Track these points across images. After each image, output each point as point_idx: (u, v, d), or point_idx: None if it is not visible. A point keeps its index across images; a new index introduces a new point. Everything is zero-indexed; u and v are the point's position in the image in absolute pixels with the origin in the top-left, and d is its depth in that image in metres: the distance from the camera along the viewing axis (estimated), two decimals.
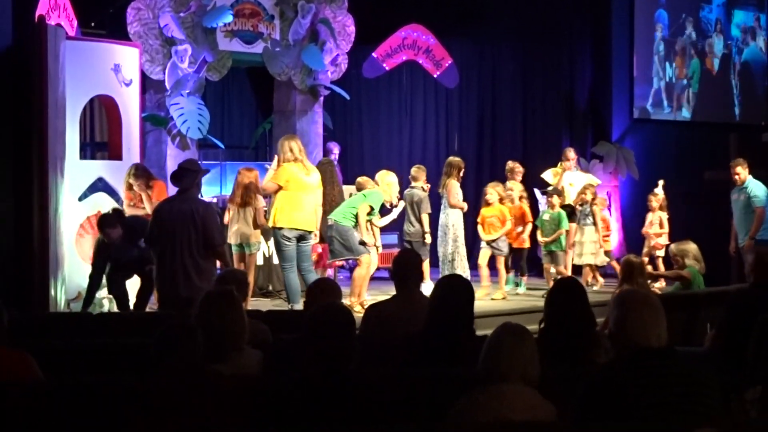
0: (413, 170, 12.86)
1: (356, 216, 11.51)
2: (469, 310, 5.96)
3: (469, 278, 12.33)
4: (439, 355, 5.68)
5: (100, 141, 14.74)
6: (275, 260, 12.43)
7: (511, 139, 17.35)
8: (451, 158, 13.11)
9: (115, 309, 10.71)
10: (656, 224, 13.69)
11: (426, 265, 11.86)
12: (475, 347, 4.90)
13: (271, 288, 12.71)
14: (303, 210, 10.96)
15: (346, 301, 9.30)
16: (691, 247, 10.39)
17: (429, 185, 12.59)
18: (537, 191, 14.22)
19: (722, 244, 13.39)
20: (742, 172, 12.96)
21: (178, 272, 8.68)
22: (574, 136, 17.29)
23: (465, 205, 12.59)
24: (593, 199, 13.54)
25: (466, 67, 16.76)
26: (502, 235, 12.59)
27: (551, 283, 11.68)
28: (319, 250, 12.39)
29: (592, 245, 13.44)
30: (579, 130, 17.34)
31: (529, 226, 13.03)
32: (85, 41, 11.62)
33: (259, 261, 12.32)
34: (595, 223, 13.46)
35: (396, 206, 12.10)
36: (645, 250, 13.60)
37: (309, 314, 4.86)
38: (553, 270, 12.87)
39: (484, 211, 12.68)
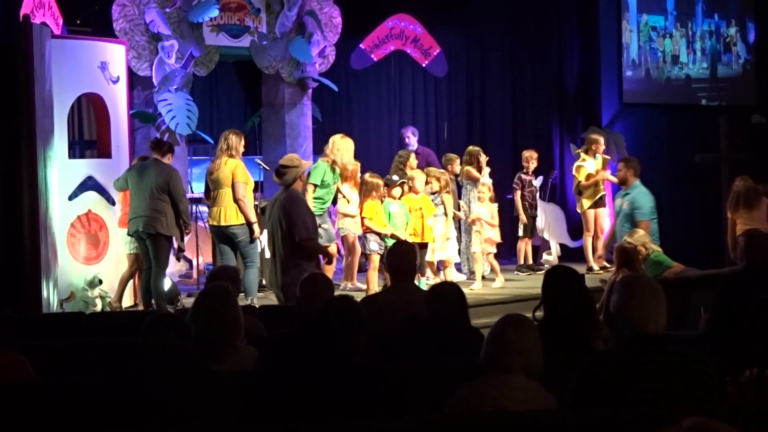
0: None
1: (320, 204, 11.44)
2: (463, 317, 5.96)
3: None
4: (437, 345, 5.68)
5: (89, 139, 14.70)
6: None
7: (501, 126, 17.30)
8: (470, 147, 13.53)
9: (108, 308, 10.72)
10: (488, 216, 12.40)
11: None
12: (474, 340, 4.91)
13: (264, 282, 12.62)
14: (212, 205, 10.99)
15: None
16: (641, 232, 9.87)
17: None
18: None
19: (711, 224, 13.37)
20: (624, 170, 11.62)
21: (274, 265, 9.26)
22: (564, 123, 17.28)
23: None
24: (445, 187, 12.25)
25: (454, 55, 16.71)
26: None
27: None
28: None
29: (439, 239, 12.12)
30: (569, 116, 17.32)
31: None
32: (70, 39, 11.59)
33: (267, 255, 12.17)
34: (445, 214, 12.22)
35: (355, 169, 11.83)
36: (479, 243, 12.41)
37: (318, 307, 4.84)
38: None
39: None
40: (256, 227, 10.87)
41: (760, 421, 4.17)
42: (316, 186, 11.43)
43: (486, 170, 13.09)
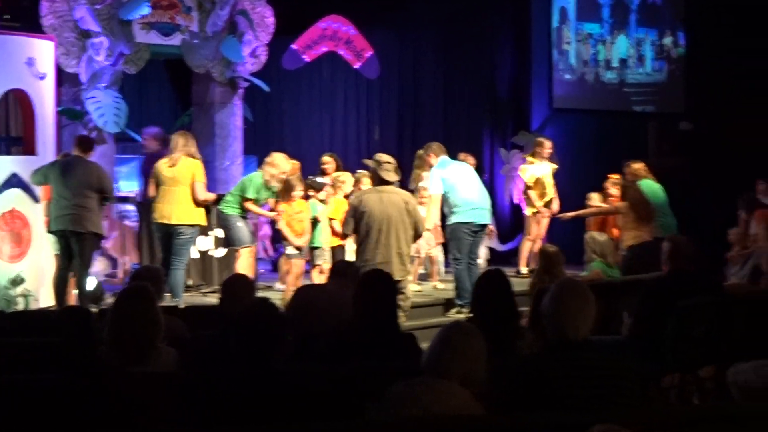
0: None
1: (239, 204, 11.28)
2: (391, 303, 5.97)
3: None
4: (365, 349, 5.66)
5: (15, 136, 14.48)
6: (218, 254, 12.39)
7: (432, 129, 17.32)
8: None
9: (31, 306, 10.57)
10: None
11: None
12: (400, 341, 4.89)
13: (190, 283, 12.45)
14: (161, 202, 11.01)
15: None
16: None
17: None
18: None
19: None
20: (427, 158, 11.75)
21: (393, 257, 9.59)
22: (495, 126, 17.37)
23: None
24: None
25: (387, 57, 16.71)
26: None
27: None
28: None
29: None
30: (500, 120, 17.43)
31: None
32: None
33: (194, 255, 12.13)
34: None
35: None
36: None
37: (240, 311, 4.82)
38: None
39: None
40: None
41: (690, 427, 4.21)
42: (256, 200, 11.35)
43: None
